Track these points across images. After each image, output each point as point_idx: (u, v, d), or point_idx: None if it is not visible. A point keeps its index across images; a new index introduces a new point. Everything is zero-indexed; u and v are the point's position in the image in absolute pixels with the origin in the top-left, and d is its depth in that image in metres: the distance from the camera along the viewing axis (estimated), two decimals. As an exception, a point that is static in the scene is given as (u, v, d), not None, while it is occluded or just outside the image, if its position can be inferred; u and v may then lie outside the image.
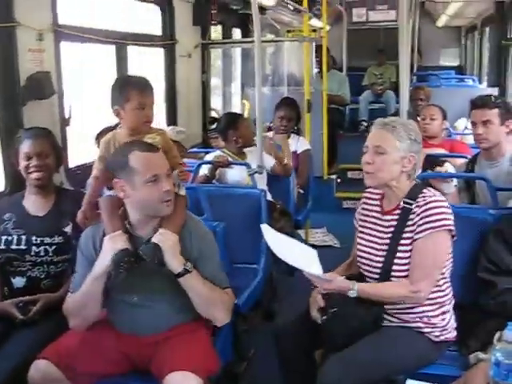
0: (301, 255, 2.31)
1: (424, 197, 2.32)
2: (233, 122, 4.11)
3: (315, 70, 7.45)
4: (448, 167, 3.38)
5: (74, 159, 3.85)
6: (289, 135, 4.84)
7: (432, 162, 3.29)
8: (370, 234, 2.46)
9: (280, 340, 2.48)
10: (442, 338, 2.36)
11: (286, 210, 3.97)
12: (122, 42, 4.33)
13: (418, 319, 2.34)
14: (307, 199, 4.87)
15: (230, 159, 3.92)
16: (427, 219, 2.27)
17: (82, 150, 4.16)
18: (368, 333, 2.29)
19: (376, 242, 2.42)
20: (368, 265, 2.43)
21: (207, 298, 2.27)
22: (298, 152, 4.85)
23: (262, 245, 3.38)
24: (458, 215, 2.55)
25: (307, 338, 2.42)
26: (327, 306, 2.32)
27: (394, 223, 2.37)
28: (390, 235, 2.37)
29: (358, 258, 2.49)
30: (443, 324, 2.36)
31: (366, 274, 2.45)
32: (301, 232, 5.32)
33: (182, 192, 2.43)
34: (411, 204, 2.32)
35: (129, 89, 2.43)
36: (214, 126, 4.71)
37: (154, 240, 2.18)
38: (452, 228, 2.30)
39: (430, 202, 2.29)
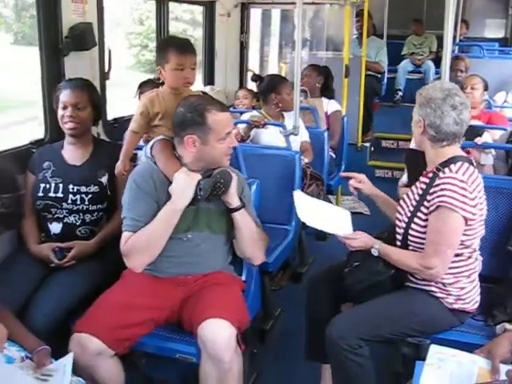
0: (332, 219, 2.39)
1: (450, 170, 2.24)
2: (276, 85, 4.10)
3: (354, 36, 7.32)
4: (486, 138, 3.33)
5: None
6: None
7: (470, 131, 3.22)
8: (408, 193, 2.44)
9: (310, 286, 2.60)
10: (456, 306, 2.34)
11: (318, 175, 3.96)
12: (163, -3, 4.31)
13: (433, 283, 2.33)
14: (340, 164, 4.86)
15: (266, 120, 3.91)
16: (440, 193, 2.21)
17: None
18: (386, 288, 2.34)
19: (406, 204, 2.41)
20: (397, 225, 2.43)
21: (254, 234, 2.47)
22: (329, 113, 4.89)
23: (294, 206, 3.40)
24: (492, 187, 2.53)
25: (334, 286, 2.48)
26: (350, 260, 2.40)
27: (424, 187, 2.34)
28: (417, 199, 2.35)
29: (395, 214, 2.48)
30: (459, 293, 2.33)
31: (396, 233, 2.45)
32: (331, 198, 5.33)
33: None
34: (439, 171, 2.27)
35: (169, 50, 2.50)
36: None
37: (222, 169, 2.34)
38: (465, 214, 2.20)
39: (449, 177, 2.21)
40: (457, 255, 2.30)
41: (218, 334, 2.15)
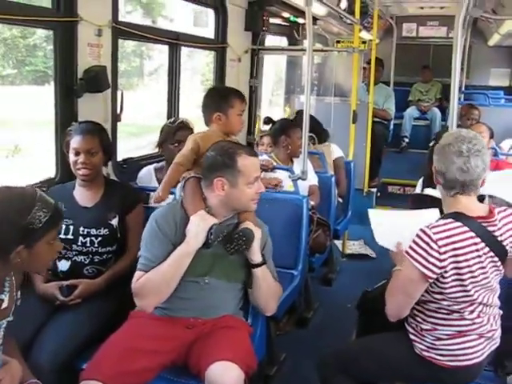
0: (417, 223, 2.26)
1: (433, 224, 2.15)
2: (287, 128, 4.19)
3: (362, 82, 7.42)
4: None
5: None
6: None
7: None
8: None
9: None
10: (426, 354, 2.24)
11: (324, 221, 3.95)
12: (175, 42, 4.39)
13: (411, 322, 2.29)
14: (347, 210, 4.86)
15: (275, 164, 3.94)
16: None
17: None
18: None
19: None
20: None
21: (271, 289, 2.52)
22: (333, 158, 4.85)
23: (301, 251, 3.40)
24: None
25: None
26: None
27: None
28: None
29: None
30: (435, 343, 2.22)
31: None
32: (338, 243, 5.33)
33: None
34: None
35: (234, 97, 2.75)
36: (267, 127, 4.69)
37: (246, 226, 2.38)
38: (422, 270, 2.09)
39: (420, 230, 2.13)
40: (442, 309, 2.21)
41: (226, 377, 2.12)
